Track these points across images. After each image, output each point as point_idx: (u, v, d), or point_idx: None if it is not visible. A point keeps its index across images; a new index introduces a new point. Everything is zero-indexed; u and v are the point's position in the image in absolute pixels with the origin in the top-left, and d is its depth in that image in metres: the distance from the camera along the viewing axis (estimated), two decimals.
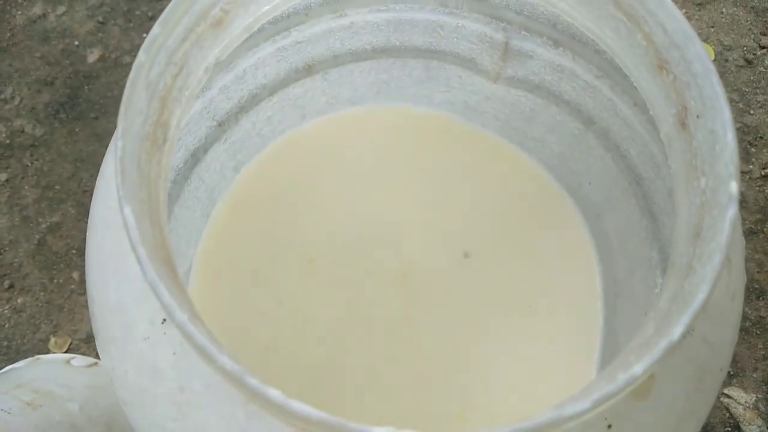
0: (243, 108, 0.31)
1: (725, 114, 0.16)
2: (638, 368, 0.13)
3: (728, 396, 0.50)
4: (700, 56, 0.18)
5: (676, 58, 0.19)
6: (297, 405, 0.13)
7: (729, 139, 0.16)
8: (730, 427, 0.49)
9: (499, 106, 0.33)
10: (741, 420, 0.49)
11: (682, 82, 0.19)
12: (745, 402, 0.50)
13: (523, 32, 0.30)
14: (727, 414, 0.50)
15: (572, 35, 0.28)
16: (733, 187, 0.15)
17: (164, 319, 0.18)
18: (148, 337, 0.19)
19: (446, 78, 0.33)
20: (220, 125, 0.31)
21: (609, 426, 0.17)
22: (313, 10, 0.29)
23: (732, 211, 0.15)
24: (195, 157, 0.30)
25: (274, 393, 0.13)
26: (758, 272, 0.54)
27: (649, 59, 0.20)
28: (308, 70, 0.31)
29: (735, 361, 0.51)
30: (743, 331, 0.52)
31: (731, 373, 0.51)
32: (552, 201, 0.37)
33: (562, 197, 0.36)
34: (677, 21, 0.18)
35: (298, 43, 0.32)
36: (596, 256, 0.34)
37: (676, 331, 0.14)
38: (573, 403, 0.13)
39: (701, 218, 0.17)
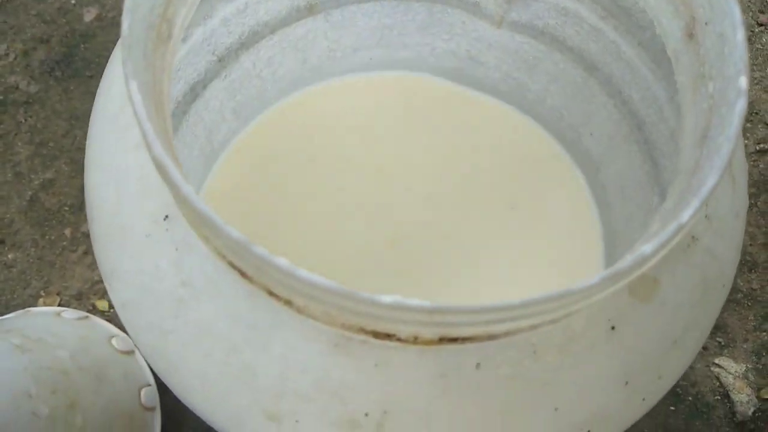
0: (243, 45, 0.31)
1: (735, 15, 0.16)
2: (647, 248, 0.13)
3: (719, 366, 0.50)
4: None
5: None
6: (305, 273, 0.13)
7: (738, 38, 0.16)
8: (720, 395, 0.50)
9: (502, 55, 0.33)
10: (731, 389, 0.50)
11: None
12: (735, 372, 0.50)
13: None
14: (718, 383, 0.50)
15: None
16: (743, 81, 0.15)
17: (166, 216, 0.18)
18: (150, 235, 0.18)
19: (449, 24, 0.33)
20: (220, 60, 0.30)
21: (612, 327, 0.17)
22: None
23: (741, 104, 0.15)
24: (194, 92, 0.30)
25: (282, 261, 0.13)
26: (751, 245, 0.54)
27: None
28: (310, 9, 0.31)
29: (726, 332, 0.51)
30: (734, 302, 0.52)
31: (722, 343, 0.51)
32: (550, 159, 0.37)
33: (560, 156, 0.36)
34: None
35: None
36: (597, 211, 0.35)
37: (686, 214, 0.14)
38: (582, 281, 0.13)
39: (708, 120, 0.16)
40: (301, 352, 0.17)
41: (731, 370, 0.50)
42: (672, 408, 0.49)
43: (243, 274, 0.16)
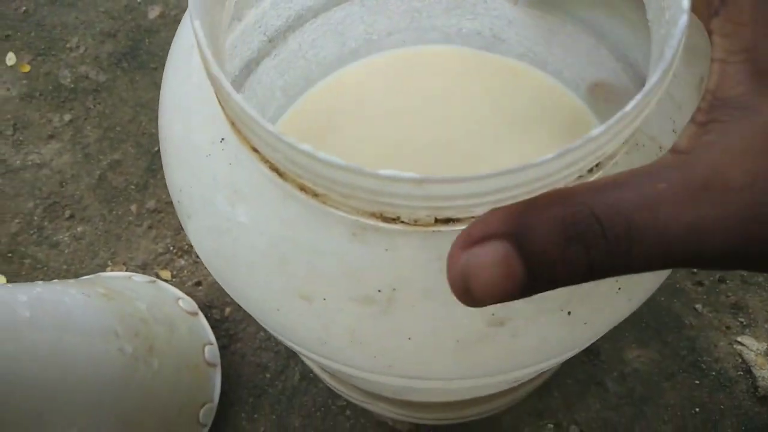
0: (290, 27, 0.35)
1: None
2: (597, 131, 0.16)
3: (741, 344, 0.53)
4: None
5: None
6: (323, 155, 0.16)
7: None
8: (742, 371, 0.53)
9: (521, 30, 0.37)
10: (753, 365, 0.52)
11: None
12: (757, 349, 0.53)
13: None
14: (740, 359, 0.53)
15: None
16: (685, 3, 0.18)
17: (222, 138, 0.22)
18: (209, 155, 0.22)
19: (472, 4, 0.36)
20: (270, 41, 0.34)
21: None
22: None
23: (684, 19, 0.18)
24: (248, 68, 0.34)
25: (306, 147, 0.17)
26: None
27: None
28: None
29: (748, 312, 0.54)
30: (756, 285, 0.55)
31: (744, 323, 0.54)
32: (575, 113, 0.40)
33: (583, 110, 0.39)
34: None
35: None
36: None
37: (631, 104, 0.17)
38: (542, 157, 0.16)
39: (665, 39, 0.19)
40: (325, 242, 0.21)
41: (753, 347, 0.53)
42: (697, 382, 0.52)
43: (279, 173, 0.20)
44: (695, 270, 0.56)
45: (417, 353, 0.22)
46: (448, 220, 0.19)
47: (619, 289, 0.22)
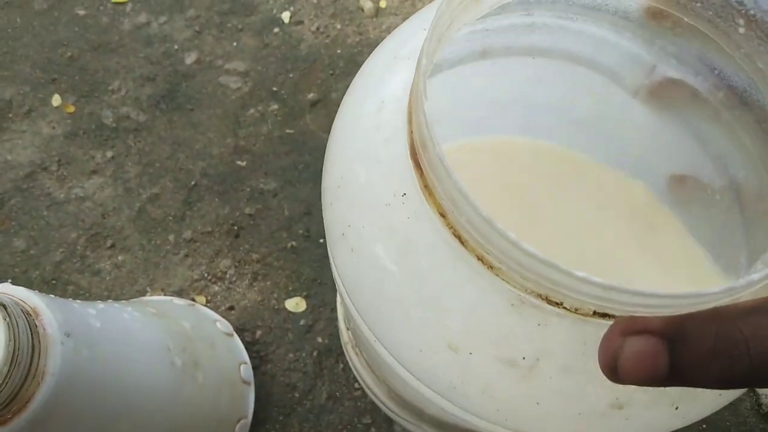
0: (433, 71, 0.36)
1: None
2: (756, 276, 0.19)
3: None
4: None
5: None
6: (530, 248, 0.19)
7: None
8: (747, 390, 0.55)
9: (641, 127, 0.39)
10: None
11: None
12: None
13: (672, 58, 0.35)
14: None
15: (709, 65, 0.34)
16: None
17: (404, 193, 0.24)
18: (389, 204, 0.25)
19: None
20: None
21: None
22: (510, 6, 0.35)
23: None
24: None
25: (512, 235, 0.20)
26: None
27: None
28: (483, 54, 0.38)
29: None
30: None
31: None
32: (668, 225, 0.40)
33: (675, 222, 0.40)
34: None
35: (486, 30, 0.38)
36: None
37: None
38: (712, 288, 0.19)
39: None
40: (487, 305, 0.23)
41: None
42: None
43: (461, 240, 0.22)
44: None
45: (540, 416, 0.25)
46: (604, 315, 0.22)
47: (720, 393, 0.26)
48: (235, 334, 0.54)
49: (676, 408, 0.25)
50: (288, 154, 0.66)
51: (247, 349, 0.55)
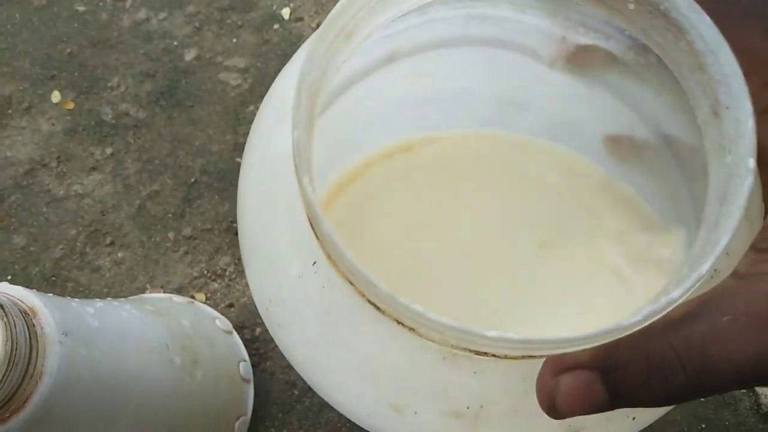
0: (342, 89, 0.37)
1: (747, 107, 0.22)
2: (675, 294, 0.18)
3: None
4: (731, 61, 0.23)
5: (711, 62, 0.23)
6: (434, 315, 0.18)
7: (749, 125, 0.21)
8: (746, 390, 0.55)
9: (560, 94, 0.40)
10: None
11: (715, 80, 0.23)
12: None
13: (580, 26, 0.37)
14: None
15: (616, 26, 0.35)
16: (750, 162, 0.21)
17: (314, 262, 0.24)
18: (302, 275, 0.24)
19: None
20: (336, 96, 0.37)
21: None
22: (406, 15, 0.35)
23: (749, 181, 0.20)
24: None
25: (417, 306, 0.18)
26: None
27: (689, 62, 0.26)
28: (390, 59, 0.38)
29: None
30: None
31: None
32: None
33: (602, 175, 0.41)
34: (714, 32, 0.24)
35: (387, 36, 0.39)
36: None
37: (705, 267, 0.20)
38: (629, 318, 0.19)
39: (727, 186, 0.22)
40: (418, 363, 0.23)
41: None
42: (702, 400, 0.55)
43: (377, 308, 0.22)
44: None
45: None
46: (535, 356, 0.22)
47: None
48: (235, 332, 0.54)
49: (633, 418, 0.24)
50: None
51: (246, 346, 0.55)
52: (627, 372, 0.18)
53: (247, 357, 0.53)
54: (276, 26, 0.73)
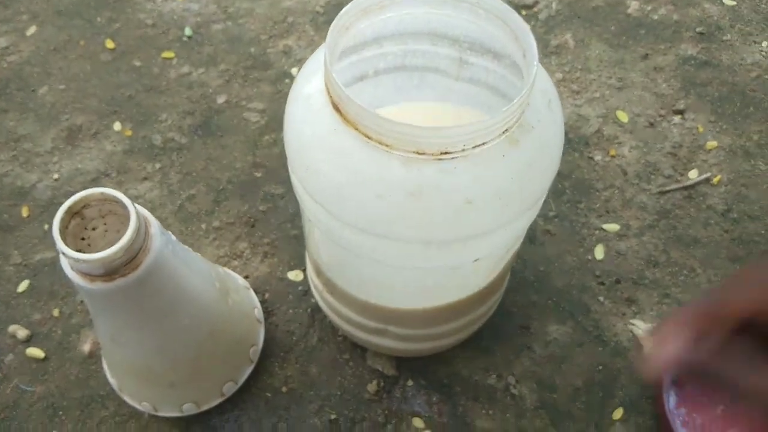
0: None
1: (534, 51, 0.44)
2: (507, 109, 0.41)
3: (633, 324, 0.75)
4: (531, 43, 0.45)
5: (527, 42, 0.46)
6: (393, 120, 0.41)
7: (534, 55, 0.44)
8: (633, 343, 0.74)
9: (461, 95, 0.62)
10: (641, 339, 0.74)
11: (524, 47, 0.46)
12: (644, 328, 0.75)
13: (468, 51, 0.59)
14: (632, 335, 0.74)
15: (488, 49, 0.57)
16: (534, 64, 0.43)
17: (335, 129, 0.47)
18: (321, 136, 0.47)
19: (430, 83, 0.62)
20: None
21: (503, 155, 0.44)
22: (368, 44, 0.58)
23: (534, 69, 0.43)
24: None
25: (387, 118, 0.41)
26: (654, 252, 0.80)
27: (518, 45, 0.48)
28: (361, 78, 0.60)
29: (638, 304, 0.76)
30: (644, 286, 0.78)
31: (635, 311, 0.76)
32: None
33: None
34: (527, 32, 0.47)
35: (352, 64, 0.61)
36: None
37: (524, 91, 0.42)
38: (485, 119, 0.40)
39: (529, 69, 0.45)
40: (384, 164, 0.43)
41: (641, 327, 0.75)
42: (600, 349, 0.73)
43: (367, 136, 0.44)
44: (598, 273, 0.78)
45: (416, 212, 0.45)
46: (446, 152, 0.42)
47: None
48: (251, 288, 0.73)
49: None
50: None
51: None
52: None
53: (259, 306, 0.72)
54: (287, 80, 0.95)
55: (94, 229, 0.52)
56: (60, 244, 0.46)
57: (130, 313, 0.52)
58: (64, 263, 0.49)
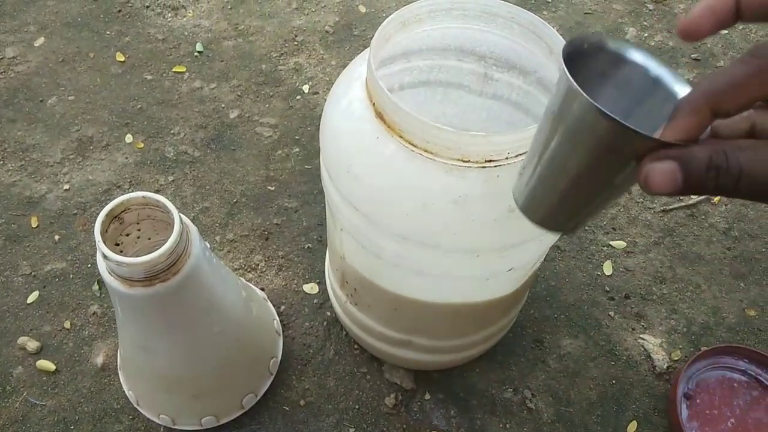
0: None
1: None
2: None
3: (643, 339, 0.77)
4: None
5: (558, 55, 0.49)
6: (438, 126, 0.42)
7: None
8: (644, 357, 0.75)
9: (484, 112, 0.64)
10: (651, 353, 0.75)
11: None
12: (654, 343, 0.76)
13: (494, 66, 0.61)
14: (643, 349, 0.76)
15: (513, 65, 0.59)
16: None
17: (377, 137, 0.48)
18: (364, 144, 0.48)
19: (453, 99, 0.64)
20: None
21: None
22: (396, 58, 0.60)
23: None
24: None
25: (436, 125, 0.43)
26: (660, 269, 0.82)
27: (553, 58, 0.50)
28: (399, 88, 0.62)
29: (647, 320, 0.78)
30: (652, 302, 0.79)
31: (644, 326, 0.78)
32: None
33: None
34: (560, 42, 0.49)
35: (386, 75, 0.63)
36: None
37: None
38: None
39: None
40: (429, 174, 0.44)
41: (651, 342, 0.76)
42: (612, 363, 0.75)
43: (414, 145, 0.45)
44: (608, 288, 0.80)
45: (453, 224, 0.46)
46: (491, 160, 0.44)
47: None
48: (269, 301, 0.73)
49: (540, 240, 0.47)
50: (306, 183, 0.87)
51: None
52: (696, 164, 0.25)
53: (278, 318, 0.72)
54: (298, 97, 0.96)
55: (127, 234, 0.52)
56: (103, 247, 0.46)
57: (165, 320, 0.52)
58: (102, 268, 0.49)
